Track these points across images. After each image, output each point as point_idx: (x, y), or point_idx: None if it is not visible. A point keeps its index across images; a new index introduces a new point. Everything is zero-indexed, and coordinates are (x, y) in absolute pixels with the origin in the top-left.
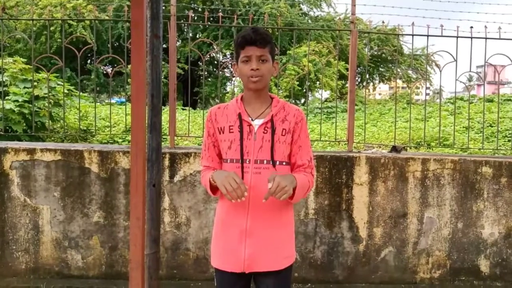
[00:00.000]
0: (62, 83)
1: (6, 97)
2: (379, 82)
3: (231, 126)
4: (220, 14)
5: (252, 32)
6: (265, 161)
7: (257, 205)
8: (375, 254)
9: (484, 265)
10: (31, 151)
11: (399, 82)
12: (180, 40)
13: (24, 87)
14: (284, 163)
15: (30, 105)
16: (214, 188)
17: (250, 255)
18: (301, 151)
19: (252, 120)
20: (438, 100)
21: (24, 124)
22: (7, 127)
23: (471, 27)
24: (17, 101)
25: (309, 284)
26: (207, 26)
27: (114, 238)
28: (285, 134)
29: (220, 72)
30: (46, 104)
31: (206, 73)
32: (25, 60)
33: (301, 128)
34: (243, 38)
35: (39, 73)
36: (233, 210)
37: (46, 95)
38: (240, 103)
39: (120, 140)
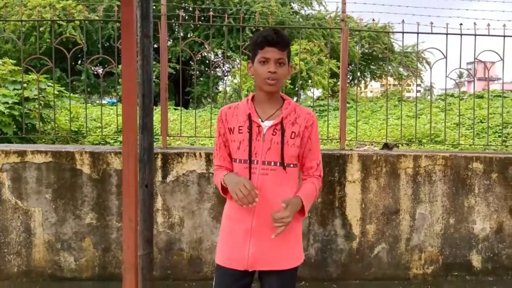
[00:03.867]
0: (52, 84)
1: None
2: (370, 79)
3: (241, 127)
4: (211, 13)
5: (274, 33)
6: (272, 163)
7: (263, 205)
8: (368, 251)
9: (476, 260)
10: (21, 153)
11: (390, 79)
12: (171, 40)
13: (14, 89)
14: (291, 165)
15: (20, 107)
16: (225, 189)
17: (254, 254)
18: (310, 154)
19: (261, 121)
20: (429, 97)
21: (14, 126)
22: None
23: (461, 24)
24: (6, 103)
25: (303, 282)
26: (198, 25)
27: (107, 240)
28: (294, 137)
29: (212, 72)
30: (36, 106)
31: (197, 72)
32: (14, 61)
33: (312, 132)
34: (264, 39)
35: (29, 74)
36: (240, 209)
37: (36, 97)
38: (250, 104)
39: (111, 141)
